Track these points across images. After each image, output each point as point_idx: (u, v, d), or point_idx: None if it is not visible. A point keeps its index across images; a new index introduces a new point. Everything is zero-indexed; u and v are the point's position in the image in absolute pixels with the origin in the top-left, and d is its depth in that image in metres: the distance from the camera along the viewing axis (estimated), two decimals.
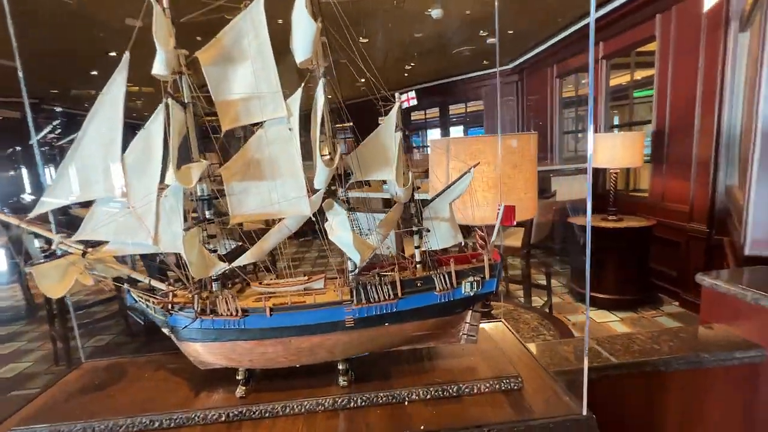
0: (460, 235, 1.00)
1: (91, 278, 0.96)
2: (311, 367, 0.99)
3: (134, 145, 0.94)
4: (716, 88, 3.75)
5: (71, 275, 0.95)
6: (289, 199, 0.95)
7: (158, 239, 0.96)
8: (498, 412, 0.87)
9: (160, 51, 0.85)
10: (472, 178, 0.96)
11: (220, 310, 0.90)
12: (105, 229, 0.97)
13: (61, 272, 0.94)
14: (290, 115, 0.94)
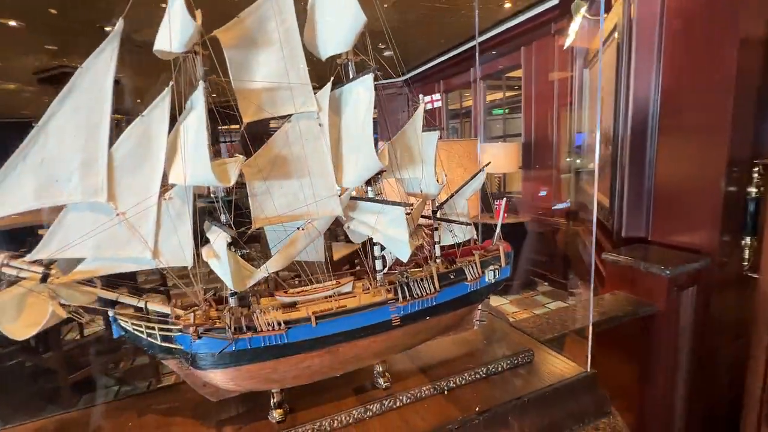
0: (473, 229, 1.08)
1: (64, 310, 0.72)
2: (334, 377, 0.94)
3: (127, 135, 0.76)
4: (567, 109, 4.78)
5: (35, 307, 0.70)
6: (320, 199, 0.89)
7: (158, 251, 0.79)
8: (526, 383, 0.98)
9: (183, 24, 0.71)
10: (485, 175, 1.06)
11: (259, 326, 0.78)
12: (80, 243, 0.74)
13: (16, 305, 0.69)
14: (320, 109, 0.88)
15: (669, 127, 1.92)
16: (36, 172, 0.71)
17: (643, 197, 2.08)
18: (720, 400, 1.88)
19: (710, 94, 1.72)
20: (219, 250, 0.74)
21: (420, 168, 0.99)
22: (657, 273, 1.65)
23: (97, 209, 0.76)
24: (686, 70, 1.82)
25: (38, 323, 0.69)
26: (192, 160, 0.74)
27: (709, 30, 1.69)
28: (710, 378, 1.83)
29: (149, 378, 3.47)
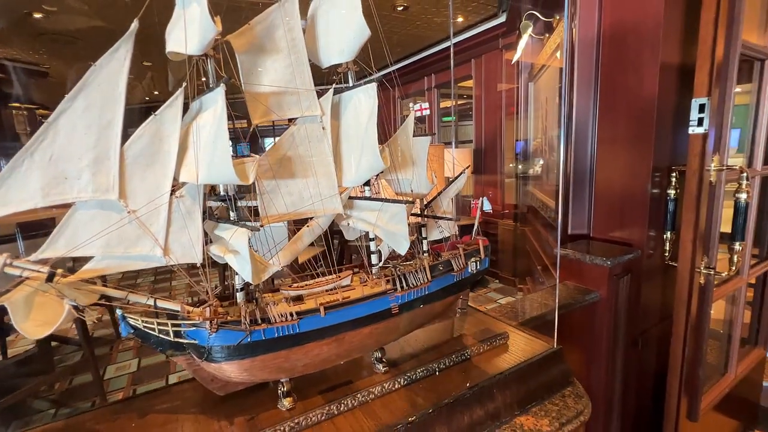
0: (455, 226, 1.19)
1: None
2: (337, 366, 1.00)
3: (139, 133, 0.77)
4: (514, 118, 5.18)
5: (46, 307, 0.68)
6: (323, 198, 0.95)
7: (168, 249, 0.80)
8: (504, 361, 1.11)
9: (205, 28, 0.74)
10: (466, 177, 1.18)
11: (272, 318, 0.82)
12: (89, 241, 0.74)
13: (27, 304, 0.67)
14: (323, 113, 0.95)
15: (605, 139, 2.21)
16: (44, 169, 0.70)
17: (585, 199, 2.36)
18: (650, 371, 2.20)
19: (637, 111, 2.02)
20: (240, 245, 0.77)
21: (411, 169, 1.08)
22: (600, 264, 1.89)
23: (107, 207, 0.75)
24: (619, 89, 2.12)
25: (51, 323, 0.67)
26: (211, 159, 0.77)
27: (636, 54, 1.99)
28: (642, 353, 2.13)
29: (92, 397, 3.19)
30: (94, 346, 3.24)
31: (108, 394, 3.27)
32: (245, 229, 0.76)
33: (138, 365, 3.68)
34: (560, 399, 1.09)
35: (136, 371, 3.59)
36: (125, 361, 3.75)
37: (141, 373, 3.55)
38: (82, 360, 3.71)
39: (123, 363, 3.73)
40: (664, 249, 2.12)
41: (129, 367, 3.68)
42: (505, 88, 5.39)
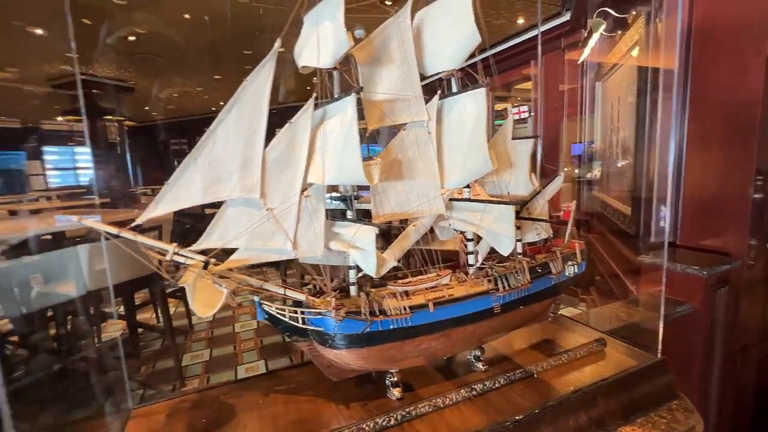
0: (550, 227, 1.19)
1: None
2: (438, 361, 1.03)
3: (279, 138, 0.86)
4: (576, 119, 4.96)
5: (206, 291, 0.79)
6: (428, 199, 1.00)
7: (297, 244, 0.88)
8: (603, 368, 1.08)
9: (340, 42, 0.82)
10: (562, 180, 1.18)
11: (389, 311, 0.88)
12: (236, 235, 0.84)
13: (194, 287, 0.78)
14: (430, 118, 0.99)
15: (696, 140, 2.06)
16: (205, 171, 0.81)
17: (669, 204, 2.21)
18: (749, 390, 2.00)
19: (737, 109, 1.86)
20: (366, 241, 0.83)
21: (509, 171, 1.10)
22: (693, 274, 1.76)
23: (250, 205, 0.85)
24: (713, 86, 1.97)
25: (212, 305, 0.77)
26: (340, 162, 0.84)
27: (737, 47, 1.84)
28: (740, 372, 1.95)
29: (173, 381, 3.50)
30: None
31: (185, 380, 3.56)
32: (372, 227, 0.82)
33: (210, 355, 3.97)
34: (667, 412, 1.04)
35: (208, 360, 3.87)
36: (198, 351, 4.05)
37: (212, 363, 3.82)
38: (162, 347, 4.07)
39: (197, 352, 4.03)
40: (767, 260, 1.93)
41: (202, 356, 3.97)
42: (567, 89, 5.18)
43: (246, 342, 4.13)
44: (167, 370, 3.64)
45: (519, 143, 1.08)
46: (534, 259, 1.13)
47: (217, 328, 4.53)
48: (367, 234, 0.83)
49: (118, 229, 0.76)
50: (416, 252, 1.05)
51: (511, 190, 1.11)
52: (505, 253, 1.00)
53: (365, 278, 1.04)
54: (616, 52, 3.36)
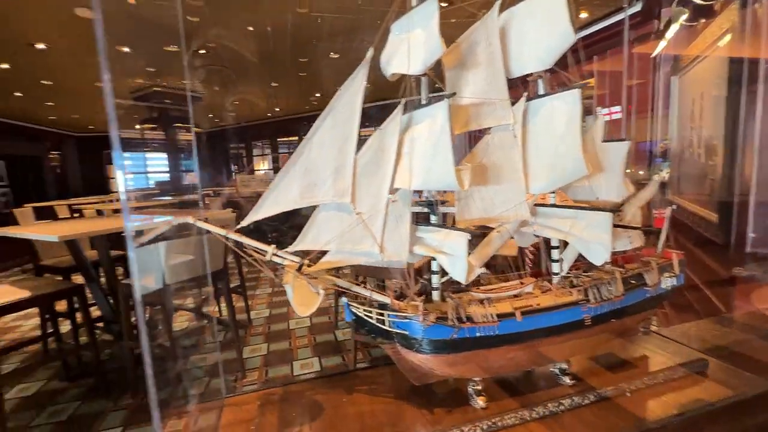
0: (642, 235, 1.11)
1: None
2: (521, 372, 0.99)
3: (368, 145, 0.88)
4: (648, 114, 4.58)
5: (302, 290, 0.83)
6: (513, 204, 0.97)
7: (383, 248, 0.90)
8: (706, 391, 0.99)
9: (433, 48, 0.82)
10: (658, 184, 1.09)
11: (476, 318, 0.87)
12: (327, 238, 0.87)
13: (293, 287, 0.82)
14: (515, 122, 0.96)
15: None
16: (301, 177, 0.85)
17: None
18: None
19: None
20: (457, 247, 0.83)
21: (599, 175, 1.04)
22: None
23: (341, 209, 0.88)
24: None
25: (309, 305, 0.81)
26: (430, 167, 0.84)
27: None
28: None
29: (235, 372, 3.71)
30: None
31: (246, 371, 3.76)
32: (465, 233, 0.82)
33: (267, 349, 4.16)
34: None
35: (266, 354, 4.06)
36: (257, 345, 4.27)
37: (270, 357, 4.00)
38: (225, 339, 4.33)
39: (255, 346, 4.25)
40: None
41: (260, 350, 4.17)
42: (636, 85, 4.81)
43: (300, 339, 4.28)
44: (230, 360, 3.87)
45: (611, 146, 1.02)
46: (626, 269, 1.05)
47: (273, 324, 4.74)
48: (459, 240, 0.82)
49: (226, 231, 0.82)
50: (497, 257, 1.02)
51: (601, 196, 1.04)
52: (597, 263, 0.95)
53: (447, 283, 1.04)
54: (699, 43, 3.06)
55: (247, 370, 3.73)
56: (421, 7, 0.84)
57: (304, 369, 3.63)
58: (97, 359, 3.25)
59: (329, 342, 4.09)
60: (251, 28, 4.59)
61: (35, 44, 4.43)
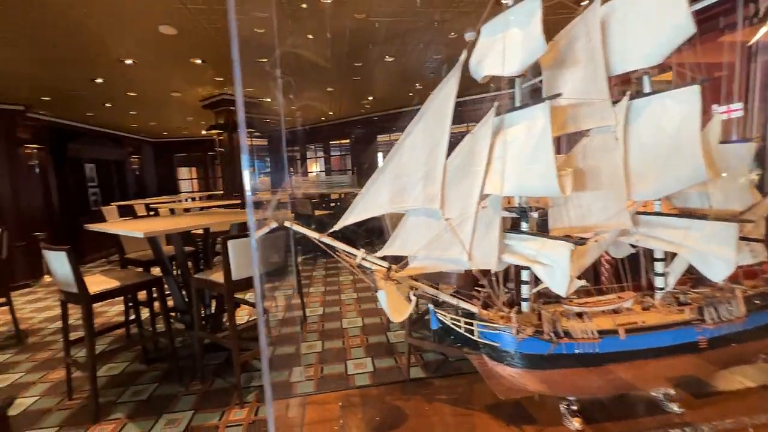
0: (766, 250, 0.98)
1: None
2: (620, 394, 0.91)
3: (458, 150, 0.86)
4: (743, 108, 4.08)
5: (395, 297, 0.83)
6: (613, 212, 0.89)
7: (472, 255, 0.87)
8: None
9: (535, 48, 0.78)
10: None
11: (575, 333, 0.81)
12: (415, 243, 0.86)
13: (387, 293, 0.82)
14: (617, 123, 0.89)
15: None
16: (392, 182, 0.85)
17: None
18: None
19: None
20: (558, 258, 0.78)
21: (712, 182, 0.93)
22: None
23: (429, 215, 0.87)
24: None
25: (401, 311, 0.81)
26: (526, 172, 0.80)
27: None
28: None
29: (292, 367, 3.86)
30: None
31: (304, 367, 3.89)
32: (567, 243, 0.77)
33: (322, 347, 4.27)
34: None
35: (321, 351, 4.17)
36: (311, 342, 4.40)
37: (325, 354, 4.10)
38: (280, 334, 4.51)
39: (311, 342, 4.38)
40: None
41: (315, 347, 4.29)
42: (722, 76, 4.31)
43: (353, 338, 4.34)
44: (285, 355, 4.02)
45: (731, 148, 0.90)
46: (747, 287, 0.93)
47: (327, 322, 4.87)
48: (560, 250, 0.77)
49: (319, 234, 0.84)
50: None
51: (716, 204, 0.93)
52: (717, 279, 0.85)
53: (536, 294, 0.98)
54: None
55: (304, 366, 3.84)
56: (520, 5, 0.80)
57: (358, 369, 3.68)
58: (171, 346, 3.53)
59: (381, 343, 4.11)
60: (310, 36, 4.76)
61: (124, 60, 4.93)
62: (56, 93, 6.12)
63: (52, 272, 3.09)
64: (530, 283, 0.87)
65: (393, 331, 4.42)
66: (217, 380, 3.54)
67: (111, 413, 3.13)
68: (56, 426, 3.01)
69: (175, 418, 3.02)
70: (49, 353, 4.37)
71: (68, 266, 2.86)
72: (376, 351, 4.02)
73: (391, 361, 3.78)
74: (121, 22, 3.79)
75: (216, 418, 2.99)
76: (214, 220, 3.69)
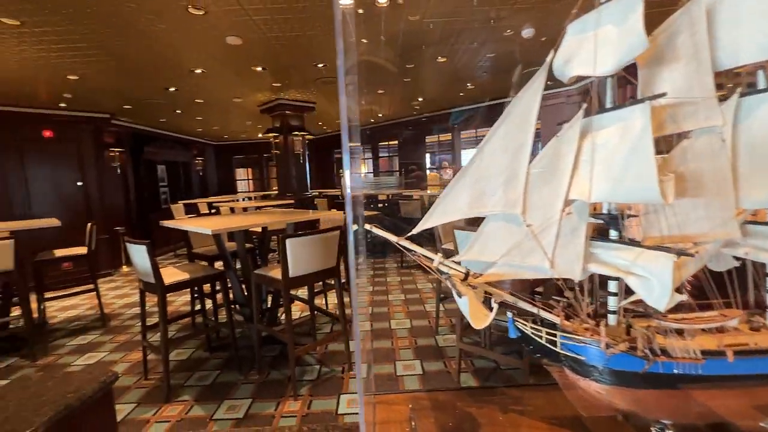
0: None
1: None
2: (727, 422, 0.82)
3: (543, 154, 0.83)
4: None
5: (475, 303, 0.82)
6: (718, 221, 0.81)
7: (554, 262, 0.83)
8: None
9: (631, 45, 0.74)
10: None
11: (674, 351, 0.76)
12: (494, 249, 0.84)
13: (469, 300, 0.82)
14: (724, 123, 0.81)
15: None
16: (471, 187, 0.84)
17: None
18: None
19: None
20: (659, 270, 0.73)
21: None
22: None
23: (510, 220, 0.85)
24: None
25: (482, 319, 0.80)
26: (619, 176, 0.76)
27: None
28: None
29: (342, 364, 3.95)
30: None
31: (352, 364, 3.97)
32: (670, 254, 0.72)
33: (371, 345, 4.33)
34: None
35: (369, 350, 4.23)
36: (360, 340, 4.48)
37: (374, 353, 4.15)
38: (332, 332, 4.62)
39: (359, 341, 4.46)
40: None
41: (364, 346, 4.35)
42: None
43: (401, 339, 4.35)
44: (336, 352, 4.13)
45: None
46: None
47: (375, 322, 4.92)
48: (662, 262, 0.72)
49: (396, 238, 0.85)
50: None
51: None
52: None
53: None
54: None
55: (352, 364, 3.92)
56: (617, 0, 0.76)
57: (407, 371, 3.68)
58: (232, 336, 3.77)
59: (430, 346, 4.08)
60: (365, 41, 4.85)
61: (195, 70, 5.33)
62: (136, 101, 6.78)
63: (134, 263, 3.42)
64: (619, 294, 0.82)
65: (442, 335, 4.37)
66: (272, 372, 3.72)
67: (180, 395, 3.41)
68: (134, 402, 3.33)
69: (235, 404, 3.21)
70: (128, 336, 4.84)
71: (147, 259, 3.15)
72: (425, 354, 4.00)
73: (440, 365, 3.74)
74: (194, 36, 4.11)
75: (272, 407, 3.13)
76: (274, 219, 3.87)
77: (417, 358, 3.81)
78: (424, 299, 5.48)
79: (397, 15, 4.12)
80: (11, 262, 3.82)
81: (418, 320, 4.80)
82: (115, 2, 3.31)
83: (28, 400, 0.98)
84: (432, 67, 6.06)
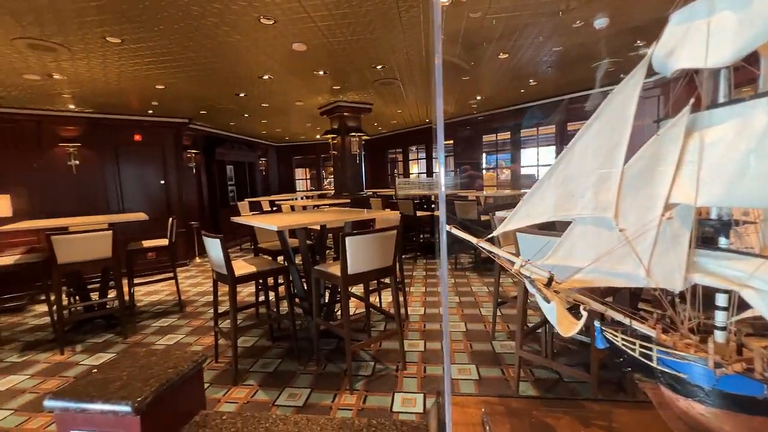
0: None
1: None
2: None
3: (640, 155, 0.77)
4: None
5: (562, 310, 0.79)
6: None
7: (650, 271, 0.77)
8: None
9: (759, 32, 0.67)
10: None
11: None
12: (581, 254, 0.80)
13: (557, 306, 0.80)
14: None
15: None
16: (557, 187, 0.81)
17: None
18: None
19: None
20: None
21: None
22: None
23: (599, 224, 0.80)
24: None
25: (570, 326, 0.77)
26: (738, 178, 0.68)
27: None
28: None
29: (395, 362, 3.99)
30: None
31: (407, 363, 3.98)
32: None
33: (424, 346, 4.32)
34: None
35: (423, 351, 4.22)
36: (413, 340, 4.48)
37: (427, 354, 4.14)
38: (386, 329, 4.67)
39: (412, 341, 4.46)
40: None
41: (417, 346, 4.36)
42: None
43: (456, 343, 4.28)
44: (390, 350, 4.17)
45: None
46: None
47: (428, 323, 4.89)
48: None
49: (477, 240, 0.84)
50: None
51: None
52: None
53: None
54: None
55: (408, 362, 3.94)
56: None
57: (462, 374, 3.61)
58: (292, 328, 3.97)
59: (487, 352, 3.97)
60: None
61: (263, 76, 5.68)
62: (210, 107, 7.40)
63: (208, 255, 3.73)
64: (730, 309, 0.74)
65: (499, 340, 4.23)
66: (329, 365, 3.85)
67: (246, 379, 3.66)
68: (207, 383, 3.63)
69: (295, 392, 3.38)
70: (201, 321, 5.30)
71: (221, 251, 3.41)
72: (481, 359, 3.91)
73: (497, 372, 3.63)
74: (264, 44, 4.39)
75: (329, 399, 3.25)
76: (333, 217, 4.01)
77: (472, 362, 3.73)
78: (479, 302, 5.34)
79: (458, 13, 4.06)
80: (110, 250, 4.35)
81: (474, 324, 4.69)
82: (197, 17, 3.65)
83: (138, 371, 1.12)
84: (492, 65, 5.88)
